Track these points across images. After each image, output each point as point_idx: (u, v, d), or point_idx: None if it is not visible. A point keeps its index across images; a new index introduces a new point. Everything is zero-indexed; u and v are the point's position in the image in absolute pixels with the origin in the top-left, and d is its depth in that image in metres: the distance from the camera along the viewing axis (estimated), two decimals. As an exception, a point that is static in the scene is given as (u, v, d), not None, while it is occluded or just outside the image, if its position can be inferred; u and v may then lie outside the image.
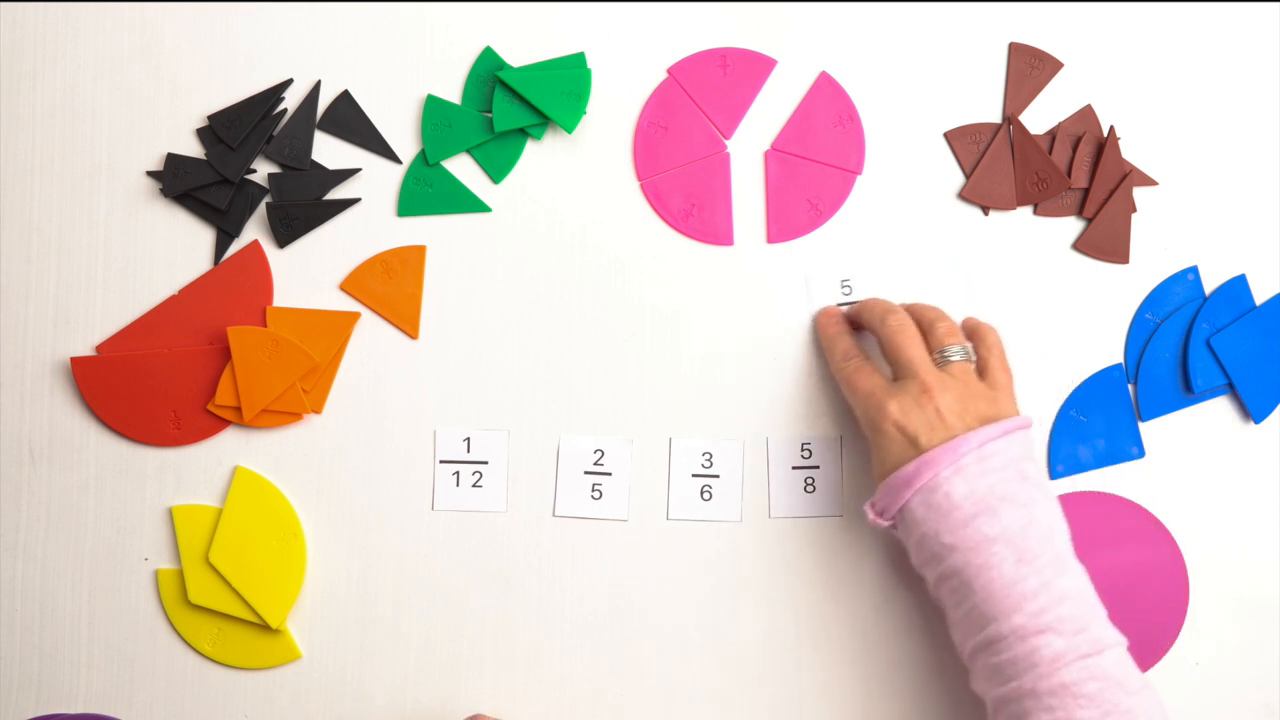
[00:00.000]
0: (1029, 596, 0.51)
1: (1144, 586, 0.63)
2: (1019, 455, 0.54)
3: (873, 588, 0.64)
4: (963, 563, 0.52)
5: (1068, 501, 0.63)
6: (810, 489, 0.64)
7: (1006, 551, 0.52)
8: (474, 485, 0.64)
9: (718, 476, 0.64)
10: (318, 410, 0.65)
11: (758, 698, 0.64)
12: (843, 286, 0.65)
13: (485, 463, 0.64)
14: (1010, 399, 0.57)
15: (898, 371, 0.58)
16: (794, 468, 0.64)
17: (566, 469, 0.64)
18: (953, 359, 0.57)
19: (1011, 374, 0.59)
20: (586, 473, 0.64)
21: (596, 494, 0.64)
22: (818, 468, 0.64)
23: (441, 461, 0.64)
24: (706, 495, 0.64)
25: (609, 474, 0.64)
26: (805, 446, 0.64)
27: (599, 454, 0.64)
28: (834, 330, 0.63)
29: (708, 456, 0.64)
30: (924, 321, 0.59)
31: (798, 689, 0.63)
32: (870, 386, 0.58)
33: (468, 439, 0.64)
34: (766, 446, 0.64)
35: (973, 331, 0.60)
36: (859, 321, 0.62)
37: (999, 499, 0.53)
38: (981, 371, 0.59)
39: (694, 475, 0.64)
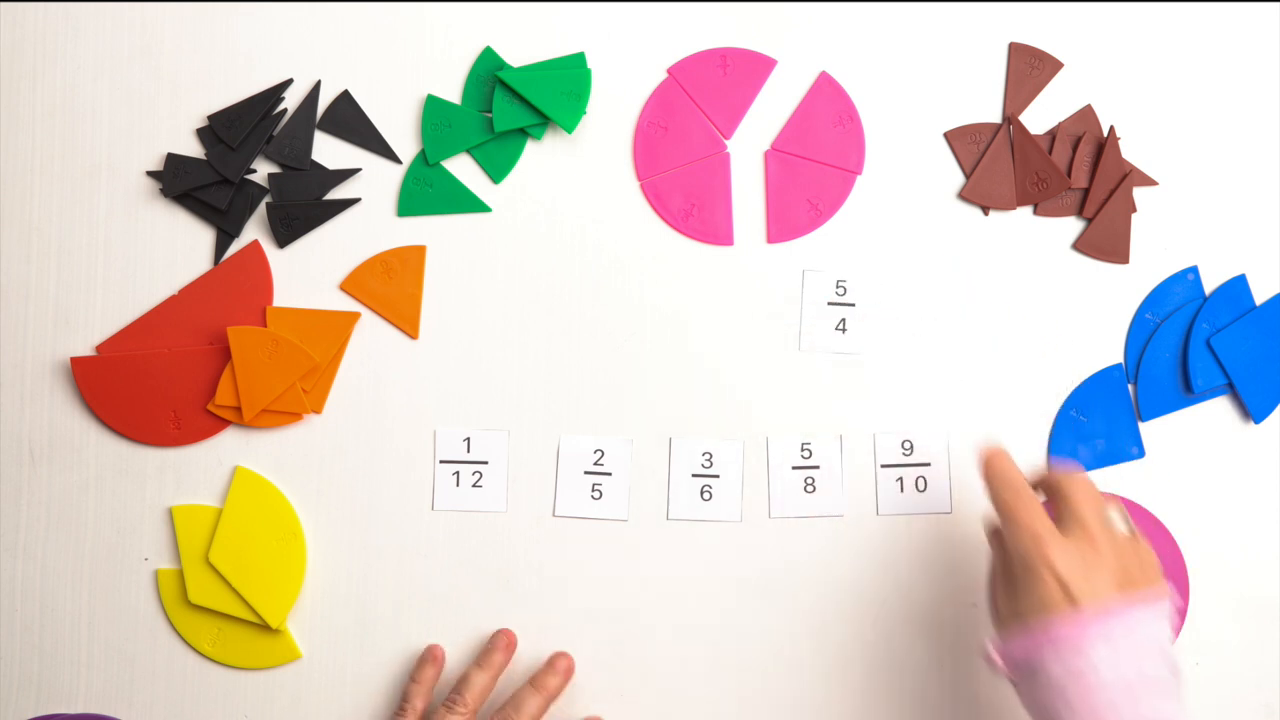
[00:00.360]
0: None
1: None
2: (1161, 631, 0.52)
3: (873, 588, 0.64)
4: None
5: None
6: (810, 489, 0.64)
7: None
8: (474, 485, 0.64)
9: (718, 476, 0.64)
10: (318, 410, 0.65)
11: (758, 697, 0.64)
12: (837, 288, 0.65)
13: (485, 463, 0.64)
14: (1159, 572, 0.55)
15: (1064, 516, 0.55)
16: (794, 467, 0.64)
17: (566, 469, 0.64)
18: (1118, 526, 0.55)
19: (1159, 566, 0.57)
20: (586, 472, 0.64)
21: (596, 494, 0.64)
22: (818, 468, 0.64)
23: (441, 461, 0.64)
24: (706, 495, 0.64)
25: (609, 474, 0.64)
26: (805, 446, 0.64)
27: (599, 454, 0.64)
28: (1005, 463, 0.57)
29: (708, 456, 0.64)
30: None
31: (798, 689, 0.63)
32: (1034, 523, 0.54)
33: (468, 439, 0.64)
34: (766, 446, 0.64)
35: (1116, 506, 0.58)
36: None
37: (1141, 681, 0.50)
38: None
39: (694, 475, 0.64)
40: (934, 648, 0.63)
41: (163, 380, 0.64)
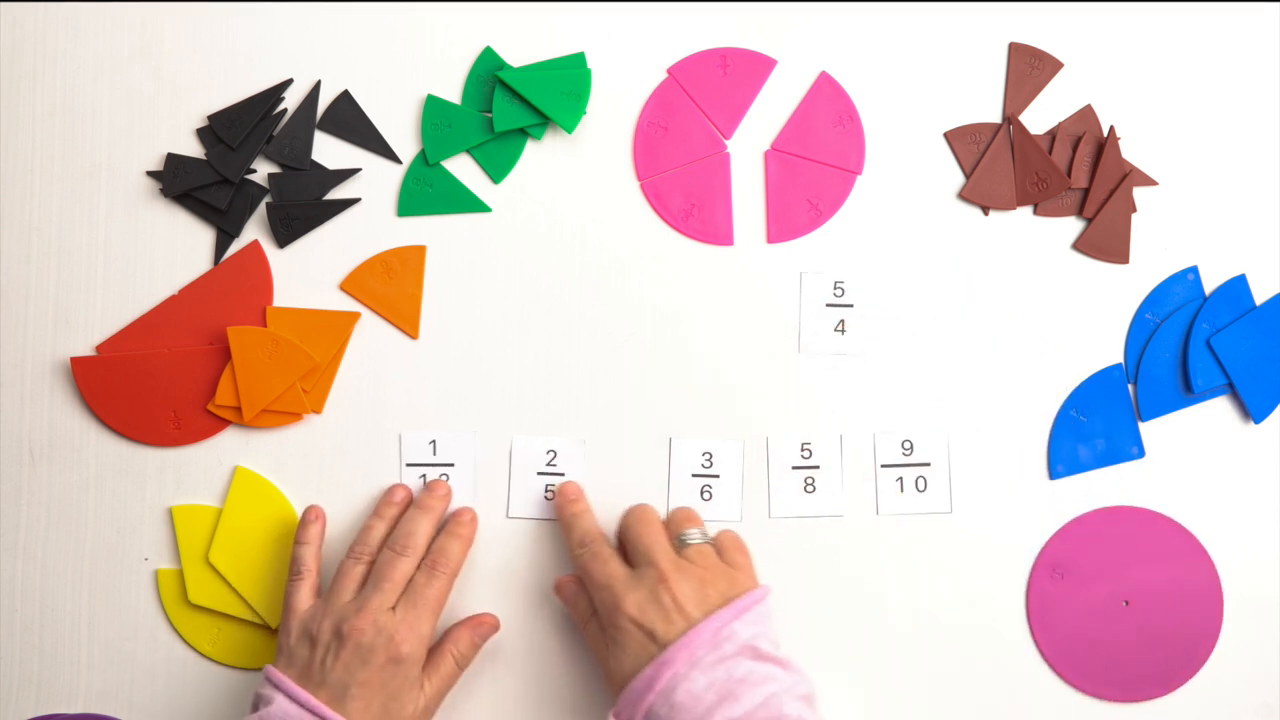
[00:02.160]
0: None
1: (1177, 607, 0.63)
2: (755, 633, 0.54)
3: (873, 588, 0.64)
4: None
5: (1109, 516, 0.64)
6: (810, 489, 0.64)
7: None
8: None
9: (718, 476, 0.64)
10: (318, 410, 0.65)
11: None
12: (835, 289, 0.65)
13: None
14: (750, 575, 0.57)
15: (635, 559, 0.57)
16: (794, 467, 0.64)
17: (523, 471, 0.64)
18: (691, 542, 0.58)
19: (749, 554, 0.59)
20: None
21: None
22: (818, 468, 0.64)
23: (409, 465, 0.64)
24: (707, 495, 0.64)
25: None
26: (805, 446, 0.64)
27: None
28: (571, 510, 0.61)
29: (708, 456, 0.64)
30: (667, 516, 0.60)
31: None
32: (607, 577, 0.57)
33: (434, 441, 0.64)
34: (766, 446, 0.64)
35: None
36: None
37: (736, 682, 0.52)
38: (719, 554, 0.58)
39: (694, 475, 0.64)
40: (934, 648, 0.63)
41: (163, 380, 0.64)
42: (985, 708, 0.63)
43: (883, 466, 0.64)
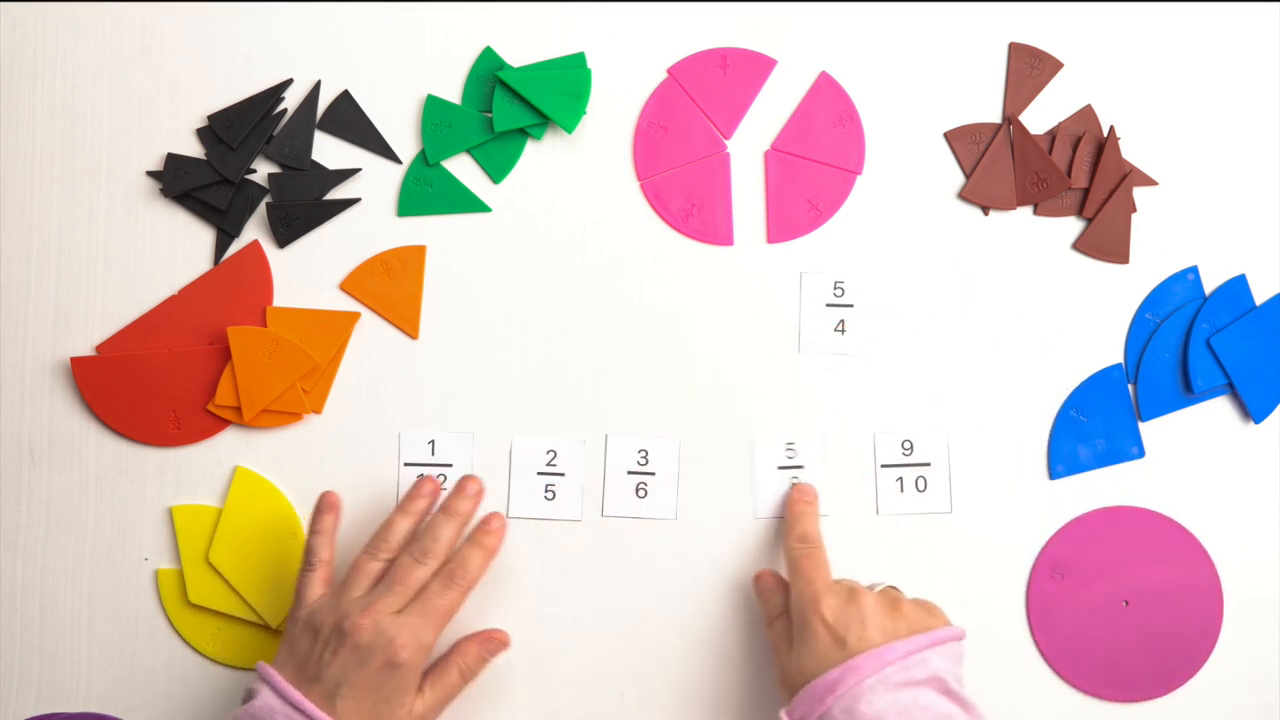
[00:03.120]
0: None
1: (1177, 607, 0.63)
2: (943, 667, 0.53)
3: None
4: None
5: (1109, 515, 0.64)
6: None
7: None
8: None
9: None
10: (318, 410, 0.65)
11: (757, 696, 0.64)
12: (835, 289, 0.65)
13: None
14: (944, 616, 0.57)
15: (824, 583, 0.57)
16: (794, 466, 0.64)
17: (523, 470, 0.64)
18: (880, 587, 0.58)
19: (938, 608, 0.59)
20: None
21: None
22: (806, 467, 0.64)
23: (401, 466, 0.64)
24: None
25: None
26: (797, 446, 0.64)
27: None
28: (802, 508, 0.62)
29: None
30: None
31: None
32: (815, 576, 0.57)
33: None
34: (753, 448, 0.64)
35: None
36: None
37: (920, 710, 0.51)
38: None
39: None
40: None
41: (163, 380, 0.64)
42: (985, 708, 0.63)
43: (883, 466, 0.64)
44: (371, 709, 0.55)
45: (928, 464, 0.64)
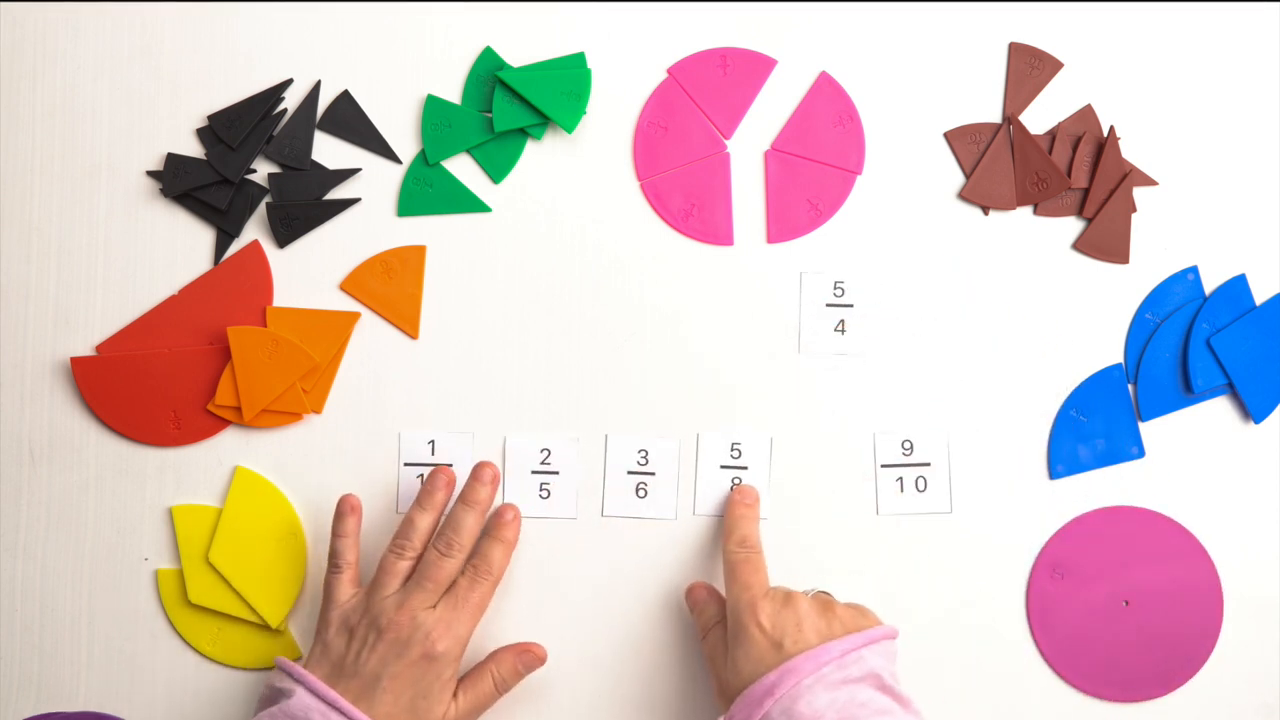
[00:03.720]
0: None
1: (1177, 608, 0.63)
2: (879, 665, 0.54)
3: (872, 587, 0.64)
4: None
5: (1109, 515, 0.64)
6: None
7: None
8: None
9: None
10: (318, 410, 0.65)
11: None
12: (835, 289, 0.65)
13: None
14: (876, 617, 0.57)
15: (761, 588, 0.57)
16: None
17: (517, 469, 0.64)
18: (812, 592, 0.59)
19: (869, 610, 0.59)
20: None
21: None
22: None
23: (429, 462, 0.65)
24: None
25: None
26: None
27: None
28: (743, 510, 0.62)
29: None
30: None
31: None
32: (751, 581, 0.57)
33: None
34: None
35: None
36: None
37: (858, 706, 0.51)
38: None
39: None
40: (934, 648, 0.63)
41: (163, 380, 0.64)
42: (985, 708, 0.63)
43: (882, 466, 0.64)
44: (410, 704, 0.56)
45: (928, 464, 0.64)
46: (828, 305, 0.65)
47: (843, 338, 0.65)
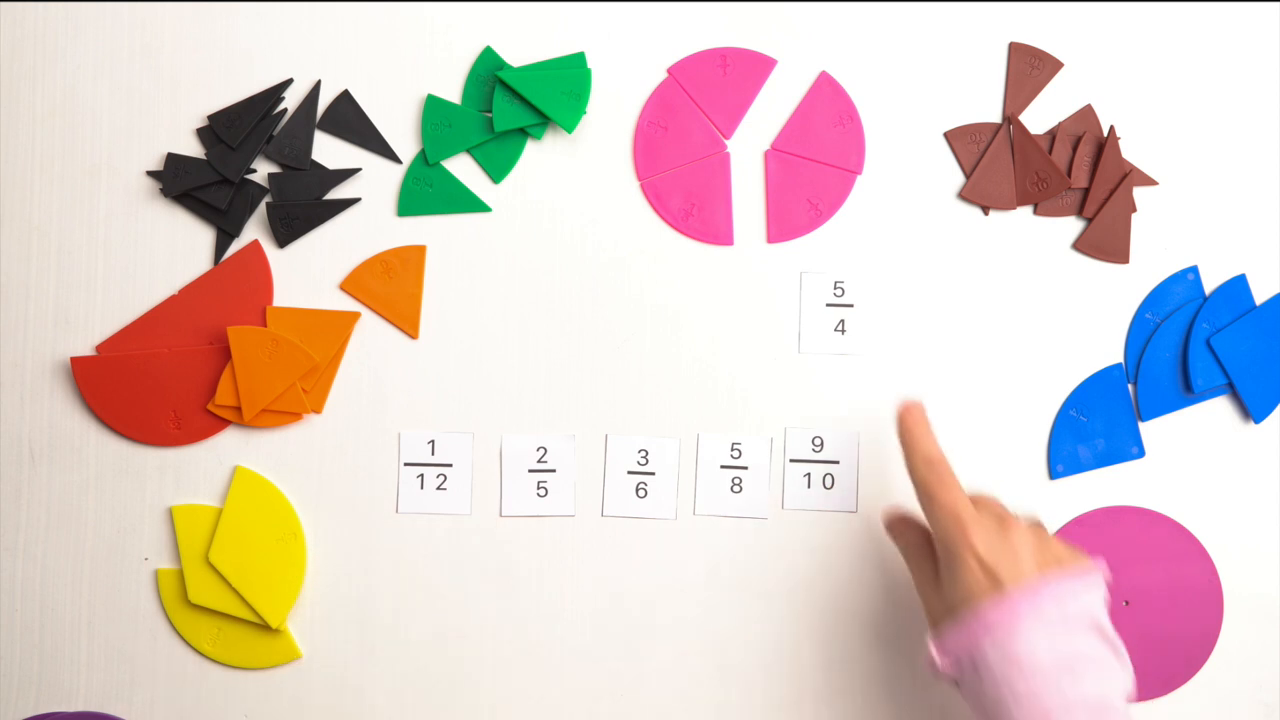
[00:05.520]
0: None
1: (1177, 608, 0.63)
2: (1096, 607, 0.52)
3: (875, 585, 0.64)
4: (1040, 717, 0.49)
5: (1109, 516, 0.64)
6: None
7: (1083, 713, 0.49)
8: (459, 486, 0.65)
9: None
10: (318, 410, 0.65)
11: (757, 696, 0.64)
12: (835, 289, 0.65)
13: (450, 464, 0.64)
14: (1079, 554, 0.54)
15: (968, 511, 0.54)
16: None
17: (514, 469, 0.64)
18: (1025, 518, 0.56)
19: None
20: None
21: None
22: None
23: (406, 465, 0.65)
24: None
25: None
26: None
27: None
28: (919, 429, 0.56)
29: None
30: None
31: (795, 688, 0.64)
32: (954, 503, 0.53)
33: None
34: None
35: None
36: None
37: (1082, 659, 0.50)
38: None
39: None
40: (934, 648, 0.63)
41: (163, 380, 0.64)
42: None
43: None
44: None
45: (928, 464, 0.64)
46: (828, 305, 0.65)
47: (843, 338, 0.65)
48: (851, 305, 0.65)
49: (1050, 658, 0.49)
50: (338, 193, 0.65)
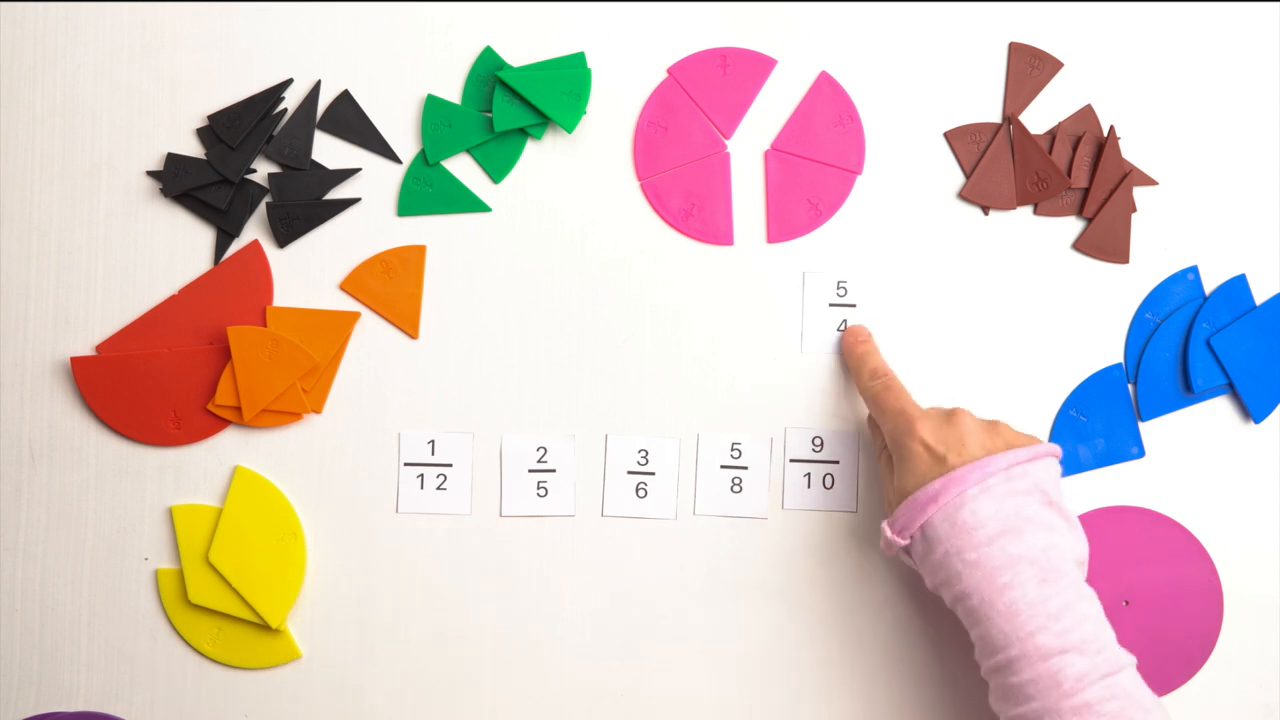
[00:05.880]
0: (1053, 617, 0.51)
1: (1177, 608, 0.63)
2: (1045, 479, 0.54)
3: (878, 584, 0.64)
4: (985, 581, 0.52)
5: (1109, 515, 0.64)
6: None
7: (1030, 571, 0.52)
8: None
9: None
10: (318, 410, 0.65)
11: (757, 695, 0.64)
12: (838, 289, 0.65)
13: (449, 465, 0.64)
14: (1029, 437, 0.57)
15: (914, 409, 0.58)
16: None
17: (514, 469, 0.64)
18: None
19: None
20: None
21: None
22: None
23: (404, 464, 0.65)
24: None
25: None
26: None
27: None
28: (862, 349, 0.63)
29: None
30: None
31: (796, 687, 0.64)
32: (900, 405, 0.58)
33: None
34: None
35: None
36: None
37: (1024, 520, 0.53)
38: None
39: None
40: (937, 646, 0.63)
41: (163, 380, 0.64)
42: (986, 706, 0.63)
43: (883, 466, 0.64)
44: None
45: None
46: (830, 305, 0.65)
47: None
48: (854, 305, 0.65)
49: (995, 524, 0.52)
50: (338, 193, 0.65)
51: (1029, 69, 0.65)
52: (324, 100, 0.66)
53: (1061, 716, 0.50)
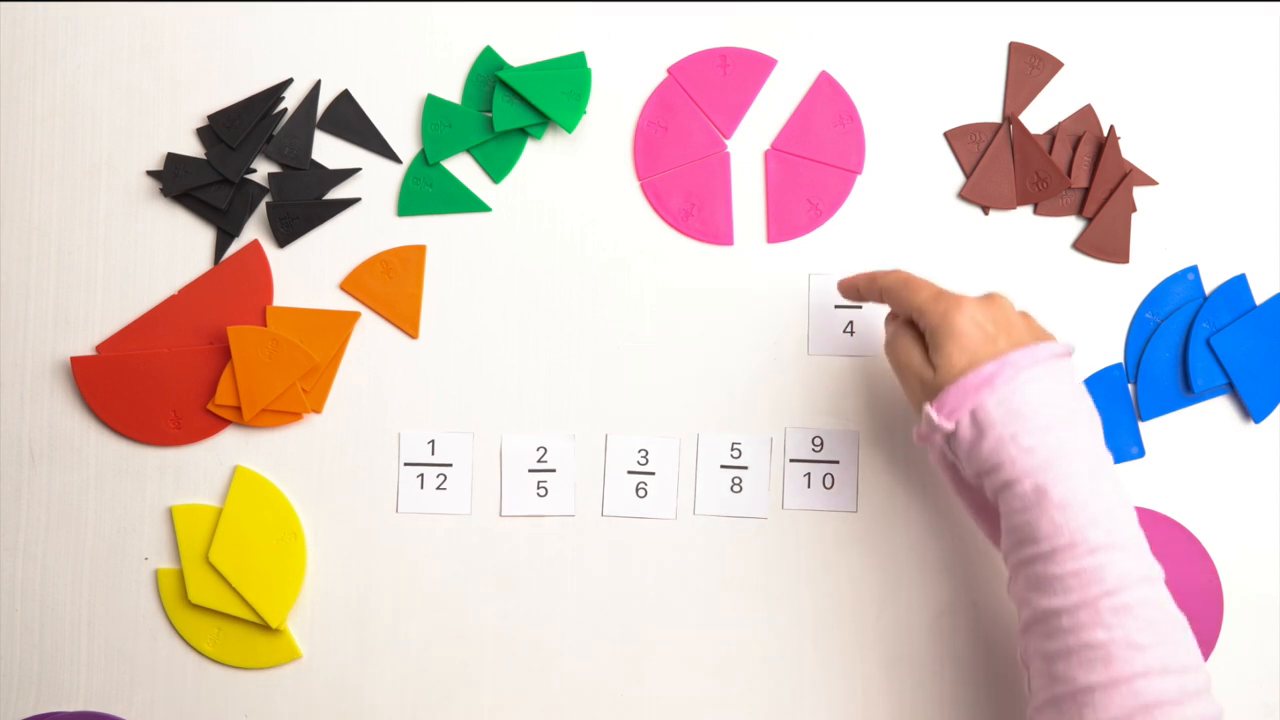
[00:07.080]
0: (1104, 513, 0.50)
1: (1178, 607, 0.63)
2: (1075, 374, 0.54)
3: (879, 584, 0.64)
4: (1041, 468, 0.50)
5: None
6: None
7: (1082, 464, 0.50)
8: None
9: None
10: (318, 410, 0.65)
11: (757, 695, 0.64)
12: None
13: (449, 465, 0.64)
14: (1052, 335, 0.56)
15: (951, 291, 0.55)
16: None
17: (514, 469, 0.64)
18: None
19: None
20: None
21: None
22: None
23: (409, 465, 0.65)
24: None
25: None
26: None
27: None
28: (864, 273, 0.59)
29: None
30: None
31: (795, 688, 0.64)
32: (935, 288, 0.55)
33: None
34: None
35: None
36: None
37: (1072, 412, 0.51)
38: None
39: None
40: (937, 646, 0.63)
41: (163, 380, 0.64)
42: (988, 707, 0.63)
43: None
44: None
45: (928, 464, 0.64)
46: (836, 307, 0.65)
47: (851, 339, 0.65)
48: (860, 307, 0.65)
49: (1049, 411, 0.51)
50: (338, 193, 0.65)
51: (1029, 69, 0.65)
52: (324, 100, 0.66)
53: (1100, 614, 0.48)
